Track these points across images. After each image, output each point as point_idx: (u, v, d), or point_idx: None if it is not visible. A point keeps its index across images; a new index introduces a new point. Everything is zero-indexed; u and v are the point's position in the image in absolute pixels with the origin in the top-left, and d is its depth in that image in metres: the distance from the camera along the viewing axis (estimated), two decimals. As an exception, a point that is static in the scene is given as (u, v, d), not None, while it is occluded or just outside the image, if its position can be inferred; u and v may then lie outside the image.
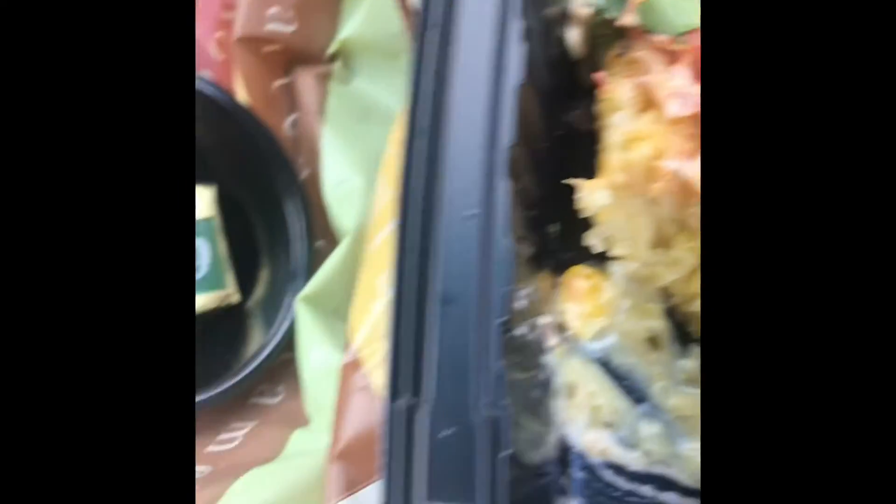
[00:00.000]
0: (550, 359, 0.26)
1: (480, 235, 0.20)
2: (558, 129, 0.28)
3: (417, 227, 0.21)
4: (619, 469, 0.25)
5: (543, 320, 0.25)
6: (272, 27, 0.39)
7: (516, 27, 0.23)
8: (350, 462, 0.23)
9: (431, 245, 0.20)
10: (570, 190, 0.25)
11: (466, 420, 0.19)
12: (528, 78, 0.23)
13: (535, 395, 0.24)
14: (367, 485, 0.23)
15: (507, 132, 0.22)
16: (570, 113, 0.28)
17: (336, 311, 0.36)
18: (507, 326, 0.21)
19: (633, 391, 0.26)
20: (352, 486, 0.23)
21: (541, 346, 0.25)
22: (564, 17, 0.28)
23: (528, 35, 0.23)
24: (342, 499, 0.23)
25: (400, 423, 0.20)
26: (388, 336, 0.21)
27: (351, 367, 0.25)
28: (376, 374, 0.24)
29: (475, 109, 0.22)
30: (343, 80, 0.41)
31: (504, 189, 0.22)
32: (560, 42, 0.27)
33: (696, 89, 0.22)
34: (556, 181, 0.25)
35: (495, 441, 0.19)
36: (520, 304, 0.22)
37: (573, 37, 0.27)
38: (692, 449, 0.25)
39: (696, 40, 0.22)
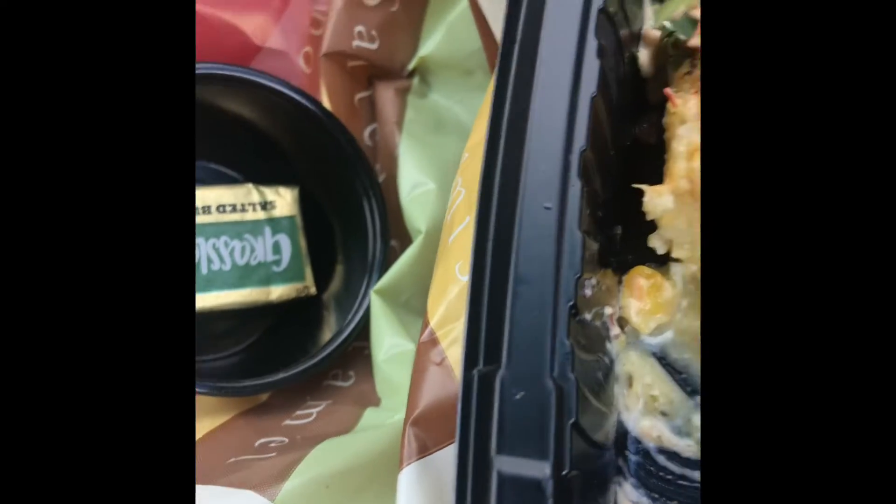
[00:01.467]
0: (613, 347, 0.28)
1: (555, 225, 0.23)
2: (626, 139, 0.30)
3: (498, 216, 0.24)
4: (672, 455, 0.27)
5: (608, 311, 0.27)
6: (357, 44, 0.43)
7: (592, 45, 0.25)
8: (424, 428, 0.26)
9: (512, 232, 0.23)
10: (636, 195, 0.27)
11: (537, 385, 0.21)
12: (600, 91, 0.25)
13: (599, 377, 0.26)
14: (440, 448, 0.25)
15: (581, 137, 0.25)
16: (637, 126, 0.30)
17: (406, 303, 0.39)
18: (575, 309, 0.23)
19: (688, 384, 0.28)
20: (425, 450, 0.25)
21: (605, 333, 0.27)
22: (636, 39, 0.30)
23: (602, 53, 0.26)
24: (416, 460, 0.25)
25: (476, 387, 0.22)
26: (468, 312, 0.23)
27: (428, 345, 0.27)
28: (451, 350, 0.27)
29: (555, 115, 0.24)
30: (420, 94, 0.44)
31: (577, 187, 0.24)
32: (632, 61, 0.30)
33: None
34: (624, 186, 0.27)
35: (564, 407, 0.21)
36: (586, 291, 0.25)
37: (644, 57, 0.30)
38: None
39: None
